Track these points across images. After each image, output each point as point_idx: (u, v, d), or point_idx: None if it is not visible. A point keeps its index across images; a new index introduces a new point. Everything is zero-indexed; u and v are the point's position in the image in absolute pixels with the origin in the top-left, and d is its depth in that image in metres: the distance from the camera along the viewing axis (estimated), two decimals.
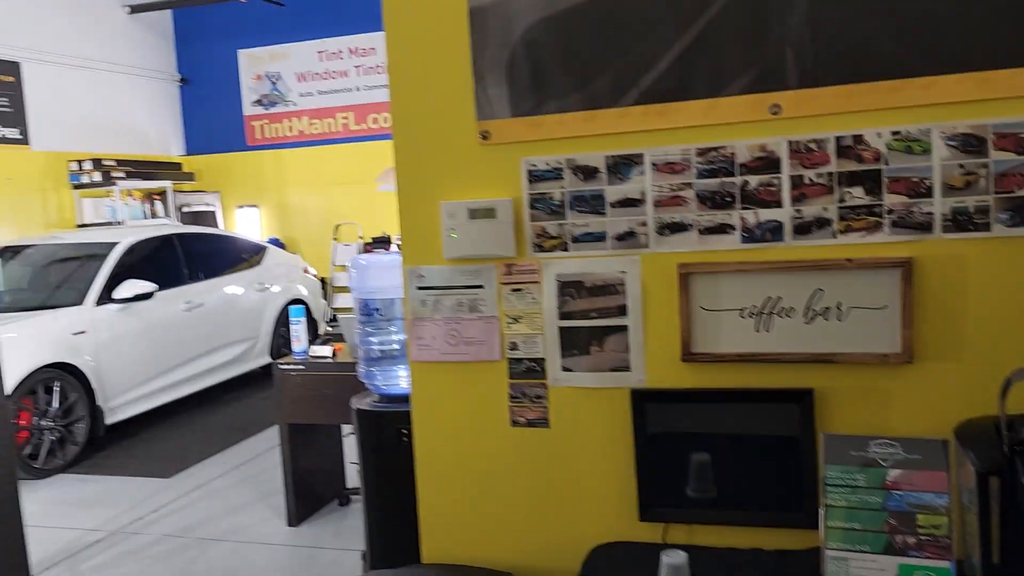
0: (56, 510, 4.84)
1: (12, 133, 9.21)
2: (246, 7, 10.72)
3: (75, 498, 5.03)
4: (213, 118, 11.67)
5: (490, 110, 2.11)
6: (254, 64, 11.44)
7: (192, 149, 11.81)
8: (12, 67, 9.25)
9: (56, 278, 6.51)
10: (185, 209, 11.17)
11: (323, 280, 9.64)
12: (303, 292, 8.31)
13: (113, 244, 6.49)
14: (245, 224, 11.47)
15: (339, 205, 11.16)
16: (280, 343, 7.85)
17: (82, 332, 5.86)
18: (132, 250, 6.57)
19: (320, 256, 10.69)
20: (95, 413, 5.84)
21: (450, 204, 2.14)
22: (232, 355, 7.29)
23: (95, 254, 6.44)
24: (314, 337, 4.30)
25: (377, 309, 2.72)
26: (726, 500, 1.99)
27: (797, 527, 1.94)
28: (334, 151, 11.22)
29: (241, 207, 11.59)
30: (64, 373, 5.65)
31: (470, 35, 2.09)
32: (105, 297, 6.12)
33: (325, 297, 9.80)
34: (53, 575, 3.93)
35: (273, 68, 11.38)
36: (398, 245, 10.64)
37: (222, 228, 11.02)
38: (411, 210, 2.20)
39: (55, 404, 5.57)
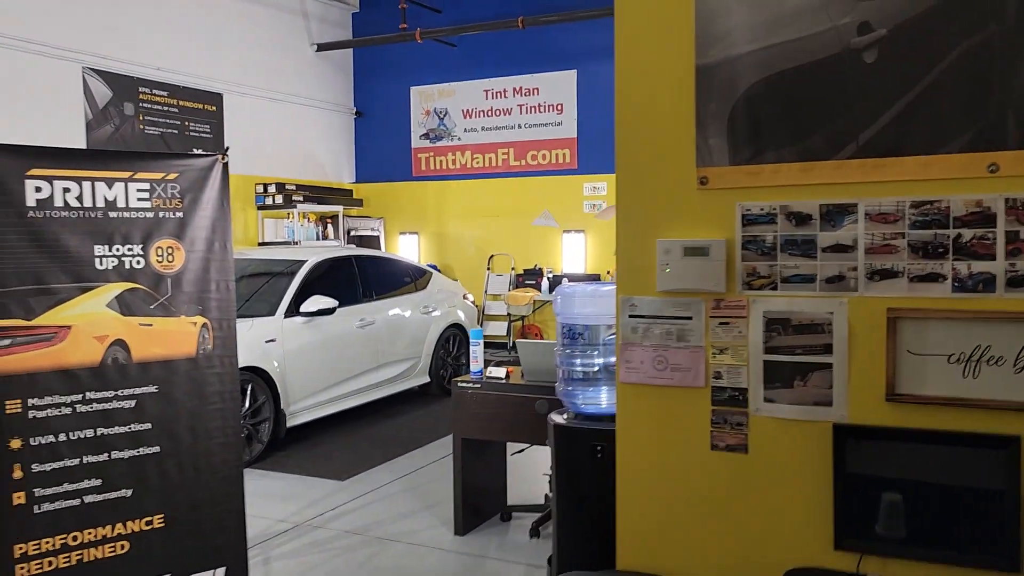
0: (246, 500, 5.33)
1: None
2: (420, 47, 11.44)
3: (262, 491, 5.52)
4: (383, 149, 12.48)
5: (709, 158, 2.32)
6: (424, 100, 12.17)
7: (362, 177, 12.65)
8: (216, 98, 10.30)
9: (247, 290, 7.16)
10: (353, 232, 11.98)
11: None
12: (461, 317, 8.71)
13: (302, 262, 7.10)
14: (405, 249, 12.15)
15: (493, 236, 11.66)
16: (439, 365, 8.27)
17: (272, 340, 6.44)
18: (316, 268, 7.16)
19: (473, 283, 11.16)
20: (278, 416, 6.39)
21: (666, 242, 2.35)
22: (397, 372, 7.75)
23: (284, 271, 7.06)
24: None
25: (581, 334, 2.95)
26: (924, 537, 2.08)
27: (997, 569, 2.01)
28: (493, 185, 11.74)
29: (403, 233, 12.29)
30: (256, 377, 6.22)
31: (695, 89, 2.31)
32: (292, 310, 6.70)
33: (479, 323, 10.21)
34: (250, 555, 4.36)
35: (441, 104, 12.06)
36: (549, 277, 10.94)
37: (385, 251, 11.70)
38: (629, 245, 2.42)
39: (247, 404, 6.13)
